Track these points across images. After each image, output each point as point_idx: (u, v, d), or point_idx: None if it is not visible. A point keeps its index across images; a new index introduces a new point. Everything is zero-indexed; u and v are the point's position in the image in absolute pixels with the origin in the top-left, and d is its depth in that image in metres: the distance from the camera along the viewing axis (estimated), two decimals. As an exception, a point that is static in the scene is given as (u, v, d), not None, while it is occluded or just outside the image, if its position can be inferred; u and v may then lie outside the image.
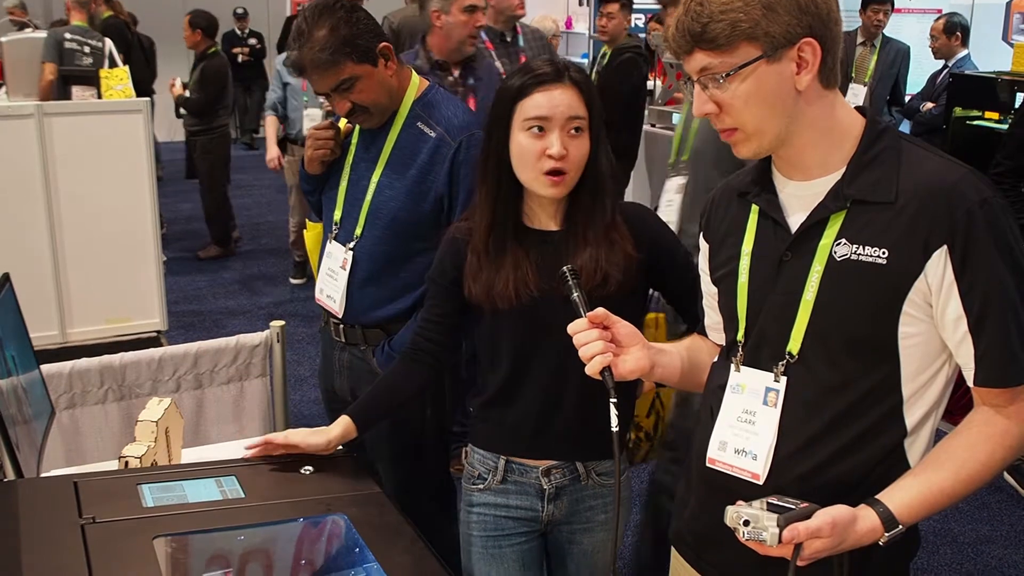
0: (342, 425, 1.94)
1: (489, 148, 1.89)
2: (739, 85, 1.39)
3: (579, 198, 1.88)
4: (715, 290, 1.64)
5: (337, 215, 2.46)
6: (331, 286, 2.46)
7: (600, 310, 1.56)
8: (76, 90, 5.41)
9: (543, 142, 1.81)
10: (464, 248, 1.95)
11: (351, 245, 2.41)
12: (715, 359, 1.66)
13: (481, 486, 2.03)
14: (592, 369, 1.53)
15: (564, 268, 1.64)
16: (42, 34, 6.00)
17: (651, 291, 2.04)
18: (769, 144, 1.45)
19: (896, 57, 6.73)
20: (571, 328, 1.56)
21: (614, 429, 1.52)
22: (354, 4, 2.34)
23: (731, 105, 1.41)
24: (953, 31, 6.53)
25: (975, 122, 5.17)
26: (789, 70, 1.39)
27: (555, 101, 1.81)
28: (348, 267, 2.41)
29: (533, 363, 1.92)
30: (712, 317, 1.69)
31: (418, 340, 2.06)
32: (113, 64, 5.89)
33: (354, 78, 2.28)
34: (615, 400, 1.52)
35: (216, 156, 7.12)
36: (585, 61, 10.21)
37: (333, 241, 2.46)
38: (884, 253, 1.39)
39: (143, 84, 7.92)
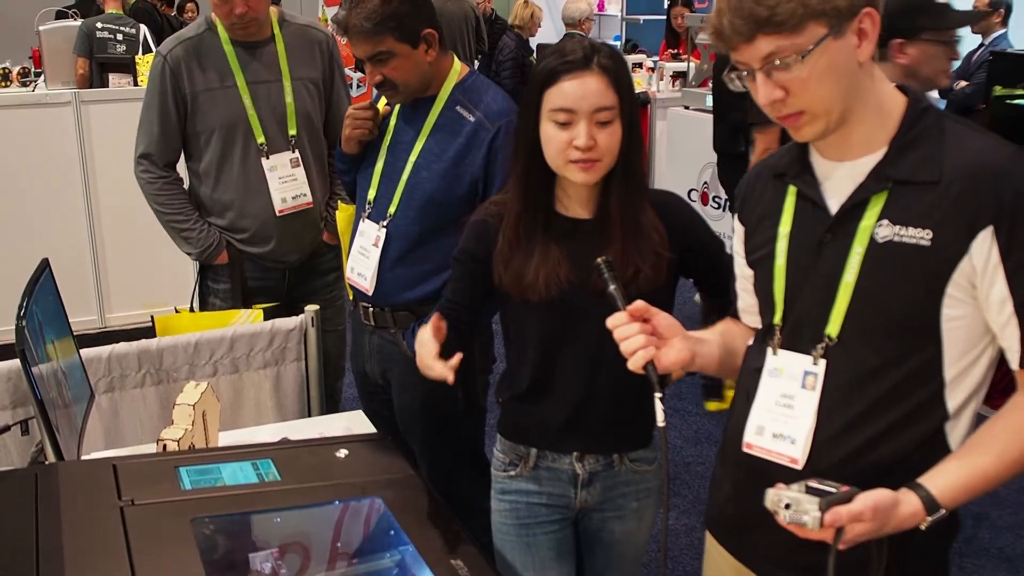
0: None
1: (521, 133, 1.85)
2: (812, 67, 1.35)
3: (612, 186, 1.83)
4: (750, 273, 1.61)
5: (371, 195, 2.48)
6: (363, 264, 2.47)
7: (640, 303, 1.53)
8: (113, 77, 5.46)
9: (569, 133, 1.76)
10: (492, 232, 1.91)
11: (384, 223, 2.42)
12: (750, 342, 1.65)
13: (512, 473, 1.99)
14: (635, 364, 1.50)
15: (599, 260, 1.61)
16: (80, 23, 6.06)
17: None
18: (835, 123, 1.41)
19: None
20: (611, 322, 1.53)
21: (660, 424, 1.48)
22: None
23: (802, 89, 1.37)
24: (996, 8, 6.42)
25: (1016, 101, 5.07)
26: (852, 43, 1.36)
27: (581, 91, 1.75)
28: (380, 245, 2.42)
29: (563, 355, 1.89)
30: (746, 300, 1.67)
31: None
32: (147, 50, 5.93)
33: (390, 53, 2.30)
34: (661, 395, 1.49)
35: None
36: (618, 43, 10.15)
37: (366, 220, 2.48)
38: (928, 234, 1.36)
39: None
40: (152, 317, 2.86)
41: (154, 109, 2.97)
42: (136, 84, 5.33)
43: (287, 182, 3.04)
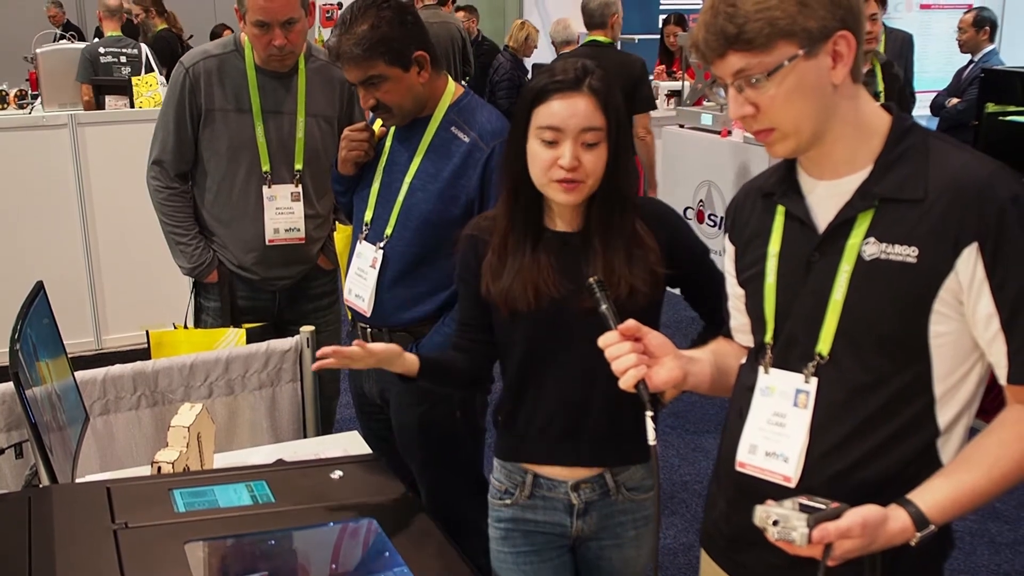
0: (410, 358, 1.90)
1: (510, 149, 1.86)
2: (779, 84, 1.37)
3: (598, 207, 1.84)
4: (742, 292, 1.62)
5: (368, 216, 2.49)
6: (360, 285, 2.48)
7: (631, 322, 1.53)
8: (109, 100, 5.48)
9: (555, 152, 1.77)
10: (482, 246, 1.93)
11: (381, 244, 2.43)
12: (742, 361, 1.65)
13: (508, 501, 1.99)
14: (627, 383, 1.51)
15: (591, 280, 1.61)
16: (77, 46, 6.08)
17: None
18: (807, 142, 1.43)
19: (901, 46, 6.54)
20: (602, 341, 1.54)
21: (651, 443, 1.48)
22: (405, 5, 2.36)
23: (770, 106, 1.40)
24: (982, 25, 6.47)
25: (1008, 118, 5.10)
26: (825, 65, 1.38)
27: (569, 111, 1.76)
28: (378, 266, 2.43)
29: (553, 367, 1.89)
30: (738, 319, 1.67)
31: (459, 342, 2.03)
32: (149, 69, 5.96)
33: (382, 77, 2.31)
34: (652, 414, 1.49)
35: None
36: (612, 63, 10.17)
37: (363, 241, 2.49)
38: (914, 252, 1.37)
39: None
40: (147, 332, 2.90)
41: (171, 118, 3.00)
42: (132, 107, 5.35)
43: (283, 213, 3.05)
